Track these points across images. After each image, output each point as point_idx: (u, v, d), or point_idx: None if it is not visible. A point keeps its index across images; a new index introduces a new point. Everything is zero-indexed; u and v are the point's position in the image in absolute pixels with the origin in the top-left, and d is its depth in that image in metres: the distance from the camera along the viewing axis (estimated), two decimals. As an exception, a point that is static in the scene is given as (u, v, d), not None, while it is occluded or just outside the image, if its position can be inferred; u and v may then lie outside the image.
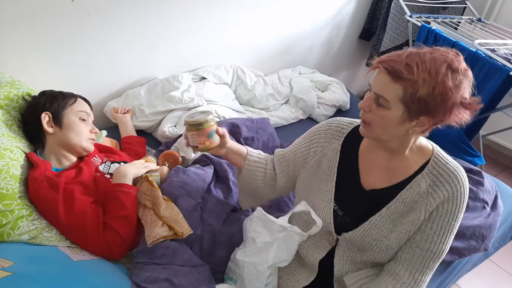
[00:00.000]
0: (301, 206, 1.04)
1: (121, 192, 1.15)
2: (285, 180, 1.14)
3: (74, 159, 1.26)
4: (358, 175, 1.02)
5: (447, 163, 0.93)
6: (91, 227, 1.08)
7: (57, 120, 1.21)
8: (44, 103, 1.21)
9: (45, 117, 1.19)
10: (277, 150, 1.20)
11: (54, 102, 1.22)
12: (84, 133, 1.24)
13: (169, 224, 1.12)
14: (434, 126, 0.86)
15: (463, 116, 0.85)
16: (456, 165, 0.94)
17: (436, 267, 0.97)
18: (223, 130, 1.07)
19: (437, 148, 0.97)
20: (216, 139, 1.05)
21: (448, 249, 0.95)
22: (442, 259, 0.96)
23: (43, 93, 1.26)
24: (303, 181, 1.11)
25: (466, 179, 0.93)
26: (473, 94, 0.85)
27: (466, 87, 0.82)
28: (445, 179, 0.92)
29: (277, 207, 1.43)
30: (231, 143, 1.13)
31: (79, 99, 1.28)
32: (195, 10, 1.85)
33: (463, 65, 0.82)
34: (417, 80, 0.79)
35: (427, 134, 0.90)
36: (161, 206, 1.16)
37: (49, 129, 1.19)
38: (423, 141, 0.97)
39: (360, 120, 1.04)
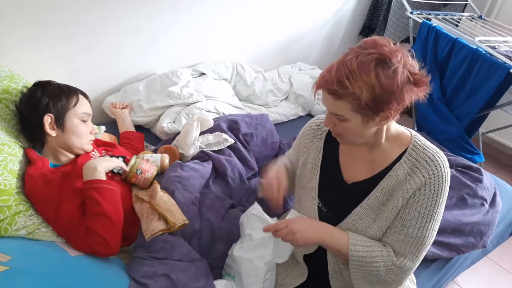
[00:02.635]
0: (291, 214, 1.04)
1: (92, 189, 1.08)
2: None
3: (72, 156, 1.25)
4: (340, 170, 1.03)
5: (425, 149, 0.93)
6: (74, 230, 1.06)
7: (59, 123, 1.17)
8: (47, 104, 1.15)
9: (47, 119, 1.15)
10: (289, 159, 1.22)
11: (57, 103, 1.16)
12: (85, 135, 1.22)
13: (162, 213, 1.12)
14: (399, 112, 0.87)
15: (420, 93, 0.85)
16: (434, 150, 0.93)
17: (422, 254, 0.96)
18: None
19: (415, 135, 0.97)
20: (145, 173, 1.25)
21: (432, 236, 0.95)
22: (425, 245, 0.95)
23: (42, 89, 1.18)
24: (296, 183, 1.14)
25: (446, 164, 0.93)
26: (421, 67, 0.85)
27: (404, 68, 0.81)
28: (422, 165, 0.92)
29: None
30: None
31: (81, 98, 1.23)
32: (195, 5, 1.84)
33: (391, 50, 0.81)
34: (354, 91, 0.80)
35: (396, 118, 0.91)
36: (157, 195, 1.16)
37: (51, 132, 1.16)
38: (399, 128, 0.97)
39: None
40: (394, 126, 0.96)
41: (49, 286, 0.87)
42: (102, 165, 1.13)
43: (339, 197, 1.03)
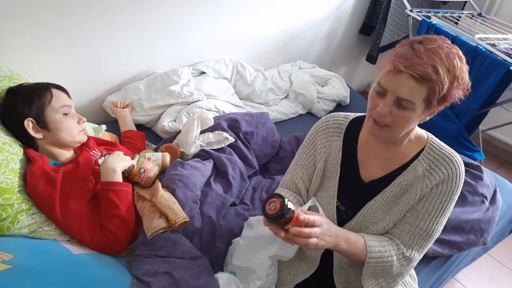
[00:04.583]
0: (311, 202, 1.04)
1: (111, 191, 1.11)
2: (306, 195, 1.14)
3: (70, 154, 1.24)
4: (358, 168, 1.04)
5: (442, 149, 0.97)
6: (87, 227, 1.08)
7: (42, 124, 1.14)
8: (22, 109, 1.12)
9: (29, 124, 1.13)
10: (284, 180, 1.15)
11: (32, 104, 1.13)
12: (73, 128, 1.19)
13: (163, 211, 1.13)
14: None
15: (457, 95, 0.89)
16: (450, 150, 0.97)
17: (428, 246, 0.98)
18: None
19: (431, 136, 1.00)
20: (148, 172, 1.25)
21: (439, 230, 0.97)
22: (432, 238, 0.97)
23: (14, 94, 1.15)
24: (312, 185, 1.11)
25: (462, 163, 0.96)
26: None
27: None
28: (441, 163, 0.95)
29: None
30: None
31: (54, 92, 1.18)
32: (195, 4, 1.84)
33: (461, 52, 0.87)
34: (443, 80, 0.82)
35: None
36: (158, 193, 1.16)
37: (37, 135, 1.14)
38: (418, 130, 1.00)
39: (353, 114, 1.06)
40: (417, 128, 0.99)
41: (52, 284, 0.87)
42: (120, 166, 1.15)
43: (356, 195, 1.04)
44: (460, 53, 0.86)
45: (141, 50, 1.81)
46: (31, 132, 1.14)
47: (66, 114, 1.18)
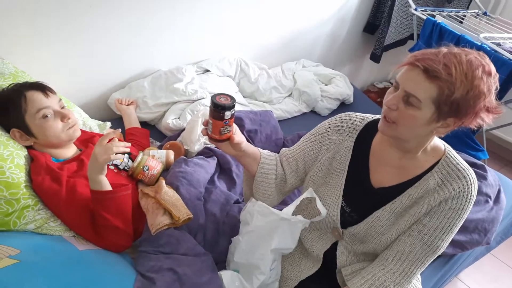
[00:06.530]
0: (308, 193, 1.04)
1: (96, 201, 1.07)
2: (294, 180, 1.12)
3: (73, 151, 1.23)
4: (368, 172, 1.01)
5: (458, 164, 0.93)
6: (92, 226, 1.08)
7: (27, 131, 1.12)
8: (3, 121, 1.12)
9: (15, 135, 1.12)
10: (284, 150, 1.16)
11: (9, 115, 1.10)
12: (58, 129, 1.14)
13: (167, 207, 1.13)
14: (456, 128, 0.87)
15: (486, 120, 0.85)
16: (466, 167, 0.93)
17: (429, 261, 0.96)
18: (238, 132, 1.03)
19: (449, 148, 0.96)
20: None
21: (444, 247, 0.95)
22: (436, 254, 0.95)
23: None
24: (312, 178, 1.09)
25: (476, 182, 0.93)
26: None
27: (494, 92, 0.83)
28: (453, 178, 0.91)
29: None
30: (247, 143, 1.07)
31: (28, 96, 1.10)
32: (199, 1, 1.85)
33: (494, 70, 0.83)
34: (455, 82, 0.78)
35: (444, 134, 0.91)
36: (162, 190, 1.17)
37: (27, 143, 1.14)
38: (436, 141, 0.96)
39: (372, 116, 1.04)
40: (435, 139, 0.95)
41: (57, 279, 0.88)
42: (102, 172, 1.05)
43: (363, 200, 1.02)
44: (492, 69, 0.82)
45: (145, 47, 1.81)
46: (20, 142, 1.13)
47: (46, 116, 1.11)
